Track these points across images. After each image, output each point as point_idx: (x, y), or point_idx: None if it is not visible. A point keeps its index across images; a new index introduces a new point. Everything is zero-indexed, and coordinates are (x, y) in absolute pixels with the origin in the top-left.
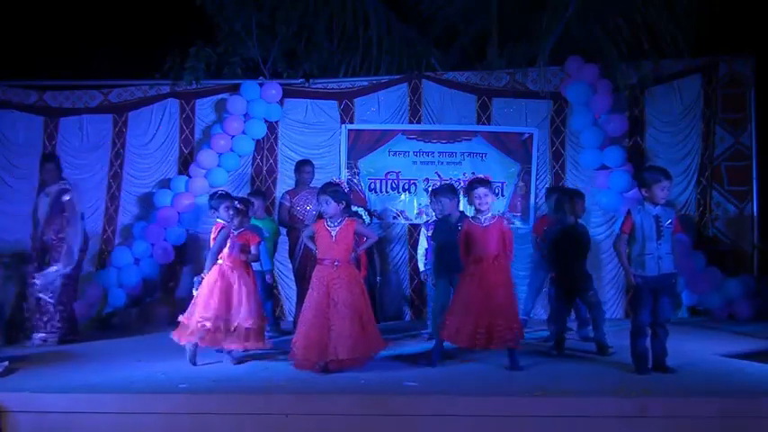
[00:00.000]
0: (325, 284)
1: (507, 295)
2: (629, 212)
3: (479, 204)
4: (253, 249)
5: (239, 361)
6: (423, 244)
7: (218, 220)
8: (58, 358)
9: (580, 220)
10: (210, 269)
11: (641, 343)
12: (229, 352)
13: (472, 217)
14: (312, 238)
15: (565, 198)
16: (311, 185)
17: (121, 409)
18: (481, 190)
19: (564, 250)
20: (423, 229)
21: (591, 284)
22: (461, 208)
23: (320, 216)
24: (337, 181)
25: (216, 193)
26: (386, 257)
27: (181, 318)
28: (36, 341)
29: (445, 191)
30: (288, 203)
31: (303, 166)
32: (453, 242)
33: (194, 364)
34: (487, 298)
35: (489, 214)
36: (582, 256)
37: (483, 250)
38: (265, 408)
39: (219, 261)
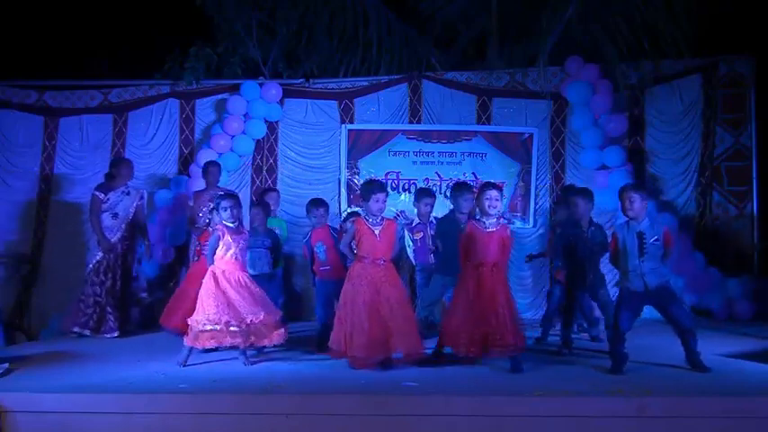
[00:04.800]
0: (373, 283)
1: (506, 302)
2: (614, 233)
3: (489, 207)
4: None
5: (253, 362)
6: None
7: (222, 221)
8: (58, 358)
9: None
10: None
11: (620, 348)
12: (243, 352)
13: (476, 220)
14: (351, 240)
15: (571, 198)
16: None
17: (121, 409)
18: (493, 192)
19: (578, 250)
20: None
21: (604, 283)
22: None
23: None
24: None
25: (221, 194)
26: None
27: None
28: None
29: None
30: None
31: (209, 167)
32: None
33: (185, 365)
34: (486, 305)
35: (494, 219)
36: (597, 256)
37: (484, 256)
38: (265, 408)
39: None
